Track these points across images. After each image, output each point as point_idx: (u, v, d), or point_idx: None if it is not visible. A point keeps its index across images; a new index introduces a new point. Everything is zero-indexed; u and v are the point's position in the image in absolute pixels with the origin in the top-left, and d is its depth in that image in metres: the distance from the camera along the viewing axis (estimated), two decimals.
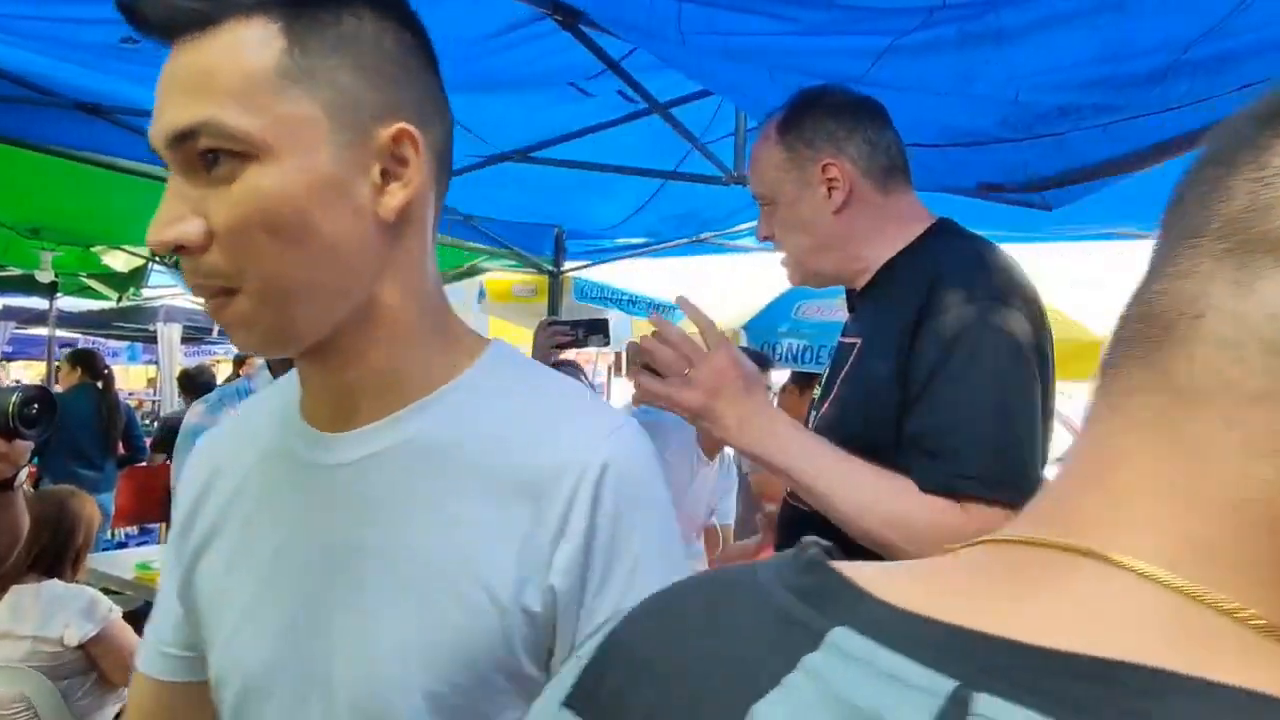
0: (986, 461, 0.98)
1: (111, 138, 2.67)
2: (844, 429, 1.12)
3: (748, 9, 1.31)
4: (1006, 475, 0.98)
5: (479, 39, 1.75)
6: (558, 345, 2.17)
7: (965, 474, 0.98)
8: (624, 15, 1.54)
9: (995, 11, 1.21)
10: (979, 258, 1.10)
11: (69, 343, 10.14)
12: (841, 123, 1.17)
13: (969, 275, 1.06)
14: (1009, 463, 0.99)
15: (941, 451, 0.99)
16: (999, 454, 0.99)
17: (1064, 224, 2.95)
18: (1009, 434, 0.99)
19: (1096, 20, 1.19)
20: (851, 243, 1.19)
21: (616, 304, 5.30)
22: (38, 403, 1.19)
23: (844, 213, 1.17)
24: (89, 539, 2.57)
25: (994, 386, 1.00)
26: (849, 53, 1.39)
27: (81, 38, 1.77)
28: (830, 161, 1.16)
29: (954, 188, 1.97)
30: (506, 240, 4.22)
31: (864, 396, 1.13)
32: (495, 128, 2.53)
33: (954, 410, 1.00)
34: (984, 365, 1.00)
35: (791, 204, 1.20)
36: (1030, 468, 1.00)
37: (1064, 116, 1.52)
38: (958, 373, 1.00)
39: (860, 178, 1.16)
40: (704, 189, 2.98)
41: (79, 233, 4.00)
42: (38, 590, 2.37)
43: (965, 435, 0.99)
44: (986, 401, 0.99)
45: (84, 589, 2.47)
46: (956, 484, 0.98)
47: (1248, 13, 1.13)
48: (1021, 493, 0.97)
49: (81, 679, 2.42)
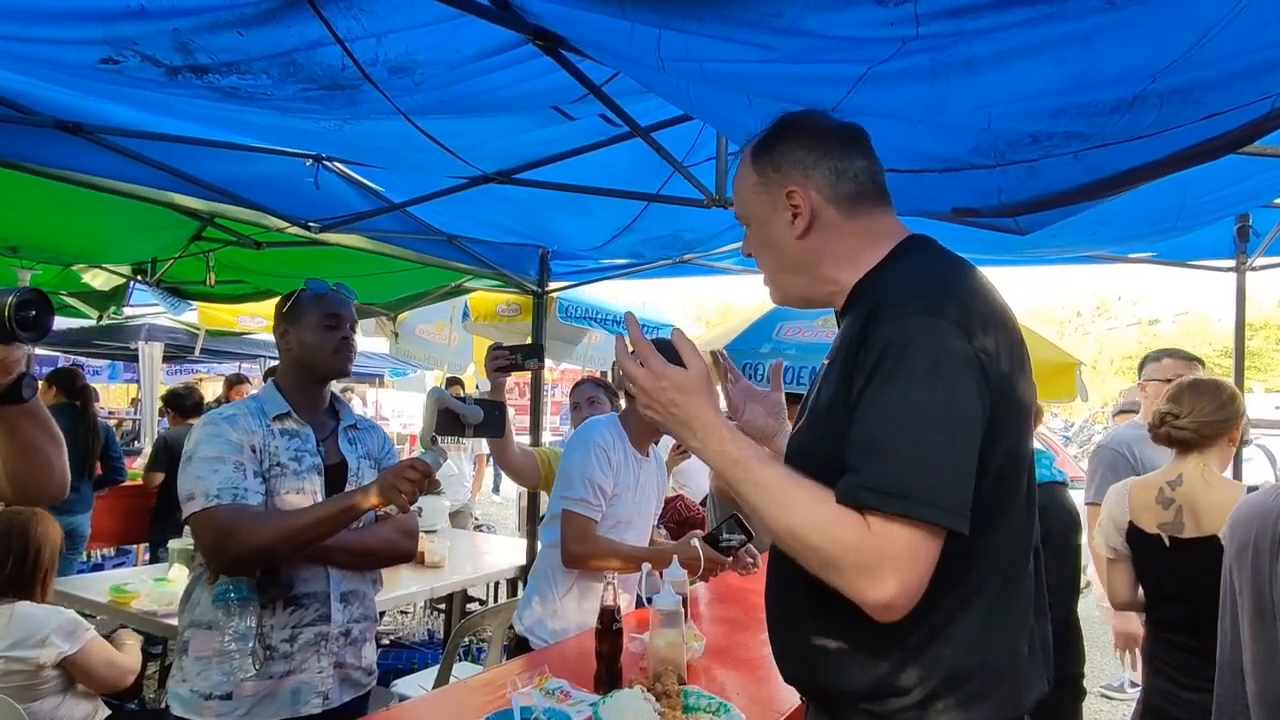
0: (894, 475, 0.97)
1: (91, 157, 2.67)
2: (805, 450, 1.17)
3: (726, 37, 1.33)
4: (917, 489, 0.97)
5: (462, 62, 1.76)
6: (498, 369, 2.35)
7: (867, 485, 0.98)
8: (604, 41, 1.56)
9: (966, 42, 1.23)
10: (915, 274, 1.12)
11: (50, 361, 10.04)
12: (810, 150, 1.20)
13: (901, 293, 1.08)
14: (921, 476, 0.97)
15: (856, 465, 1.01)
16: (909, 468, 0.98)
17: (1037, 247, 3.00)
18: (921, 447, 0.98)
19: (1063, 52, 1.22)
20: (820, 265, 1.22)
21: (600, 323, 5.32)
22: (34, 306, 1.17)
23: (807, 238, 1.20)
24: (54, 559, 2.59)
25: (909, 401, 1.00)
26: (824, 80, 1.41)
27: (62, 57, 1.77)
28: (794, 189, 1.19)
29: (929, 212, 2.00)
30: (491, 260, 4.23)
31: (816, 418, 1.16)
32: (479, 150, 2.55)
33: (871, 425, 1.01)
34: (901, 380, 1.00)
35: (762, 226, 1.25)
36: (950, 481, 0.98)
37: (1035, 144, 1.54)
38: (878, 389, 1.02)
39: (824, 204, 1.19)
40: (687, 211, 3.01)
41: (58, 251, 3.96)
42: (11, 611, 2.38)
43: (876, 449, 1.00)
44: (899, 416, 1.00)
45: (62, 610, 2.49)
46: (860, 495, 0.99)
47: (1209, 46, 1.16)
48: (933, 506, 0.97)
49: (58, 696, 2.44)
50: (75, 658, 2.40)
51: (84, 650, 2.42)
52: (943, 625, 1.06)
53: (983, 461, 1.02)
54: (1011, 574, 1.12)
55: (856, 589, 0.99)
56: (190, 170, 2.89)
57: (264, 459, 1.86)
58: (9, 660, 2.32)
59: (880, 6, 1.16)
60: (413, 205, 3.35)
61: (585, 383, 3.57)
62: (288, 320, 2.01)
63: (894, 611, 0.99)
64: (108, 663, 2.49)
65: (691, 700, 1.76)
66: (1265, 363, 23.68)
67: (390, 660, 4.22)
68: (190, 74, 1.75)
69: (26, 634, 2.35)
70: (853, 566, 0.99)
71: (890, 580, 0.97)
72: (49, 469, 1.32)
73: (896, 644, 1.07)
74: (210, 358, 10.36)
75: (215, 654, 1.81)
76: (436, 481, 1.83)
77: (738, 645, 2.32)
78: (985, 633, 1.08)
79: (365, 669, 2.02)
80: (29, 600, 2.45)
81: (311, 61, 1.71)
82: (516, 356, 2.40)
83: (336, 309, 2.02)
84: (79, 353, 10.41)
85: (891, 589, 0.97)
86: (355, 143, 2.46)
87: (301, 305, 2.01)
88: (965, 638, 1.07)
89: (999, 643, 1.10)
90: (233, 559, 1.77)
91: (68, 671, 2.43)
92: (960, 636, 1.07)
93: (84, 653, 2.42)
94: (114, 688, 2.50)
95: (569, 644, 2.29)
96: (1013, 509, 1.11)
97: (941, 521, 0.97)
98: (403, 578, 3.65)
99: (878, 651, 1.08)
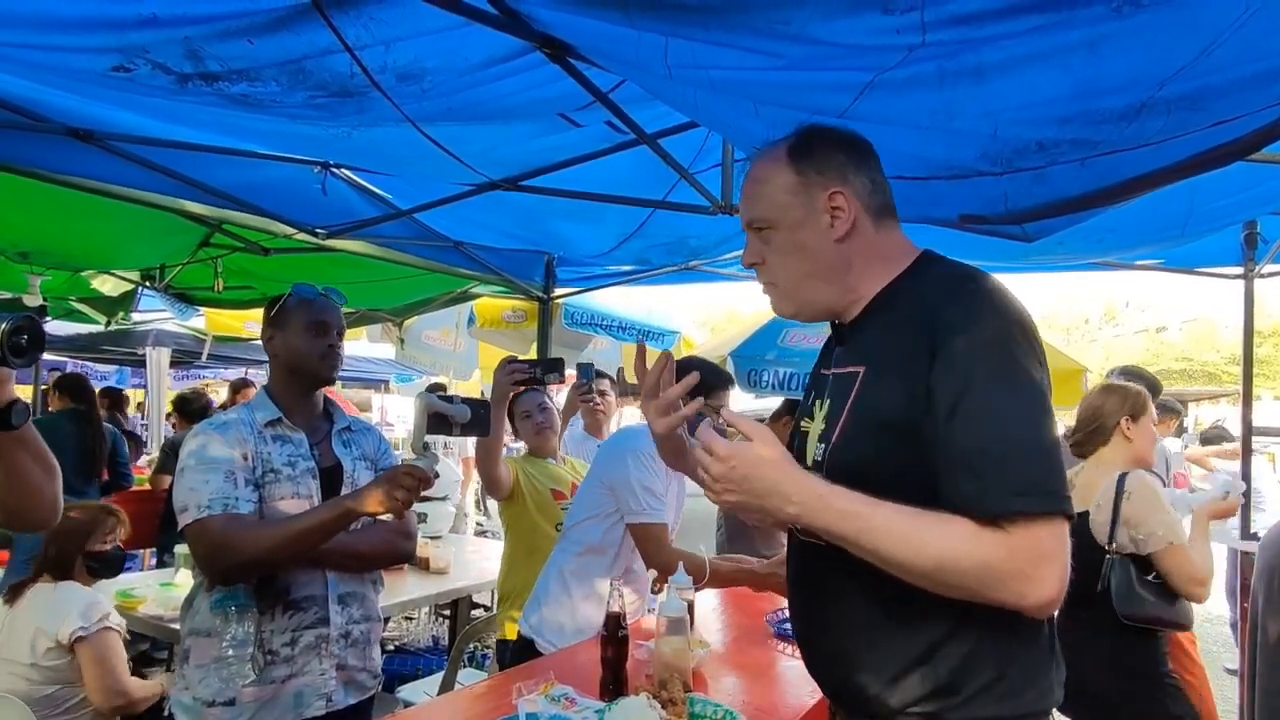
0: (1033, 476, 1.00)
1: (101, 163, 2.69)
2: (862, 466, 1.12)
3: (733, 44, 1.33)
4: (1052, 483, 1.01)
5: (469, 70, 1.77)
6: (517, 382, 2.27)
7: (1015, 490, 1.00)
8: (611, 49, 1.57)
9: (973, 49, 1.24)
10: (976, 283, 1.13)
11: (58, 366, 10.09)
12: (850, 156, 1.21)
13: (972, 301, 1.09)
14: (1053, 469, 1.01)
15: (984, 471, 1.01)
16: (1040, 462, 1.01)
17: (1045, 254, 2.99)
18: (1044, 443, 1.02)
19: (1070, 59, 1.22)
20: (848, 274, 1.22)
21: (606, 330, 5.31)
22: (27, 332, 1.16)
23: (844, 242, 1.20)
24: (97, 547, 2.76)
25: (1022, 401, 1.03)
26: (832, 87, 1.41)
27: (74, 65, 1.79)
28: (839, 190, 1.19)
29: (936, 219, 2.00)
30: (497, 267, 4.24)
31: (877, 424, 1.13)
32: (486, 156, 2.56)
33: (987, 431, 1.02)
34: (1001, 385, 1.03)
35: (794, 228, 1.22)
36: (1061, 472, 1.03)
37: (1042, 151, 1.54)
38: (979, 396, 1.03)
39: (862, 211, 1.20)
40: (693, 218, 3.01)
41: (67, 257, 3.99)
42: (54, 589, 2.58)
43: (1004, 455, 1.01)
44: (1019, 416, 1.02)
45: (94, 593, 2.62)
46: (1010, 502, 1.00)
47: (1216, 53, 1.16)
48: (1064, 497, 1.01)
49: (69, 689, 2.50)
50: (88, 641, 2.46)
51: (98, 635, 2.48)
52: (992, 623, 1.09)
53: None
54: None
55: (1020, 596, 1.00)
56: (199, 177, 2.91)
57: (257, 466, 1.86)
58: (40, 634, 2.45)
59: (887, 14, 1.16)
60: (420, 211, 3.36)
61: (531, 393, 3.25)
62: (274, 325, 2.01)
63: (1051, 606, 1.02)
64: (112, 664, 2.52)
65: (697, 708, 1.75)
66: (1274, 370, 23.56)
67: (395, 666, 4.21)
68: (200, 81, 1.77)
69: (58, 609, 2.49)
70: (1012, 576, 1.00)
71: (1051, 577, 1.00)
72: (39, 495, 1.30)
73: (949, 648, 1.10)
74: (217, 363, 10.41)
75: (215, 661, 1.81)
76: (431, 484, 1.83)
77: (744, 652, 2.31)
78: (1019, 630, 1.11)
79: (370, 671, 2.01)
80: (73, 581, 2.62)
81: (320, 69, 1.72)
82: (536, 370, 2.32)
83: (322, 315, 2.00)
84: (87, 358, 10.46)
85: (1054, 585, 1.00)
86: (363, 149, 2.47)
87: (288, 310, 2.00)
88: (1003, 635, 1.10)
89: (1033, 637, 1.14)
90: (226, 569, 1.78)
91: (77, 662, 2.47)
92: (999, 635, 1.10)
93: (97, 638, 2.48)
94: (107, 699, 2.50)
95: (574, 650, 2.29)
96: None
97: (1069, 510, 1.02)
98: (407, 583, 3.65)
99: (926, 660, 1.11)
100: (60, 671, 2.46)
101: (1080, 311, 32.68)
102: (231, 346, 8.47)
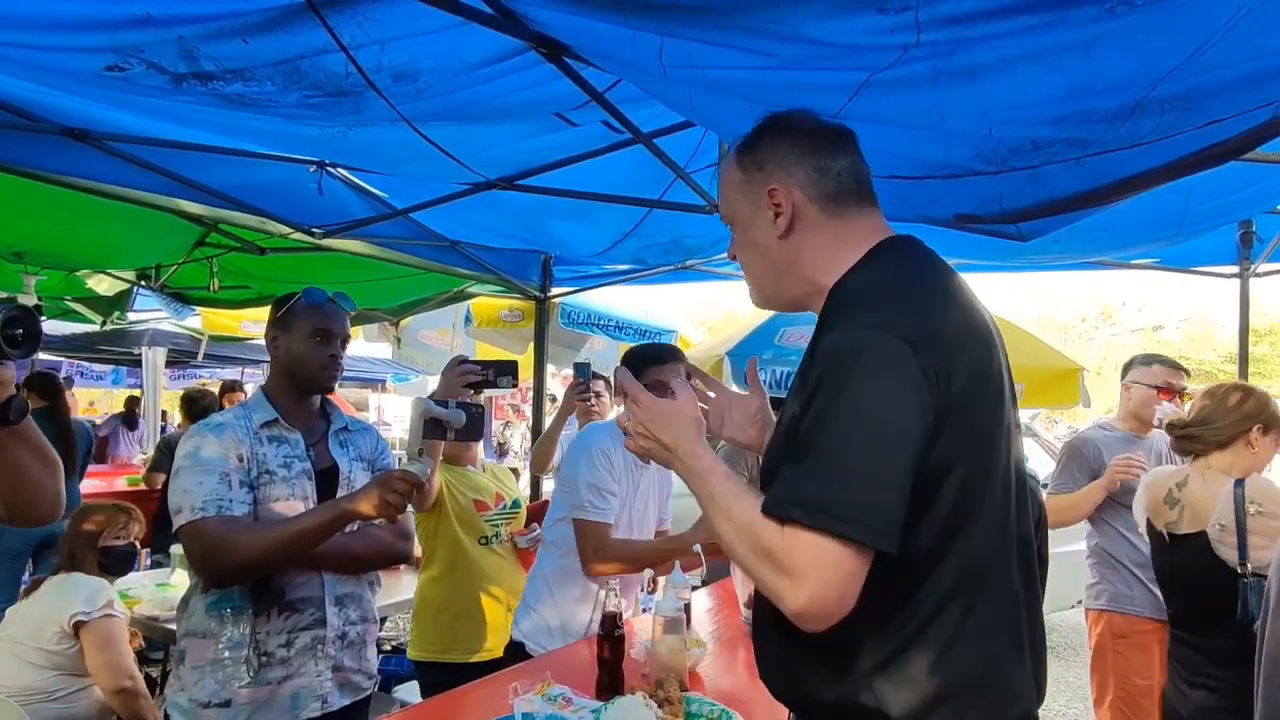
0: (821, 490, 0.96)
1: (97, 163, 2.68)
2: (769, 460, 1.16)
3: (727, 44, 1.34)
4: (838, 506, 0.95)
5: (465, 69, 1.77)
6: (468, 385, 2.25)
7: (794, 499, 0.98)
8: (607, 49, 1.57)
9: (967, 49, 1.24)
10: (873, 282, 1.11)
11: (53, 366, 10.06)
12: (793, 148, 1.18)
13: (853, 302, 1.08)
14: (845, 493, 0.96)
15: (785, 475, 1.01)
16: (835, 484, 0.96)
17: (1040, 253, 3.00)
18: (848, 465, 0.97)
19: (1064, 59, 1.22)
20: (801, 267, 1.19)
21: (603, 329, 5.31)
22: (21, 324, 1.15)
23: (789, 237, 1.18)
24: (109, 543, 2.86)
25: (841, 416, 0.98)
26: (826, 87, 1.41)
27: (69, 65, 1.78)
28: (775, 186, 1.17)
29: (931, 218, 2.00)
30: (493, 266, 4.24)
31: (780, 427, 1.16)
32: (482, 156, 2.56)
33: (804, 437, 1.01)
34: (836, 394, 0.99)
35: (746, 226, 1.22)
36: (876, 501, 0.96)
37: (1036, 150, 1.54)
38: (815, 401, 1.01)
39: (806, 203, 1.17)
40: (689, 217, 3.02)
41: (63, 257, 3.98)
42: (65, 578, 2.66)
43: (805, 462, 0.99)
44: (832, 430, 0.99)
45: (101, 581, 2.68)
46: (786, 509, 0.98)
47: (1210, 54, 1.16)
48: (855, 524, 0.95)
49: (70, 678, 2.53)
50: (90, 625, 2.50)
51: (101, 621, 2.52)
52: (905, 645, 1.04)
53: (932, 481, 1.01)
54: (985, 588, 1.08)
55: (774, 592, 0.99)
56: (195, 177, 2.91)
57: (252, 467, 1.85)
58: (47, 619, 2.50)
59: (881, 14, 1.16)
60: (416, 211, 3.36)
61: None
62: (279, 326, 1.99)
63: (809, 621, 0.98)
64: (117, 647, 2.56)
65: (694, 707, 1.75)
66: (1270, 369, 23.59)
67: (392, 666, 4.21)
68: (195, 81, 1.76)
69: (65, 596, 2.55)
70: (771, 570, 0.99)
71: (803, 589, 0.96)
72: (39, 491, 1.30)
73: (856, 661, 1.06)
74: (213, 363, 10.39)
75: (210, 663, 1.81)
76: (425, 489, 1.83)
77: (740, 651, 2.32)
78: (957, 649, 1.05)
79: (365, 673, 2.01)
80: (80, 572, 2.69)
81: (316, 68, 1.72)
82: (489, 373, 2.29)
83: (328, 323, 1.98)
84: (82, 358, 10.44)
85: (803, 598, 0.96)
86: (359, 149, 2.47)
87: (294, 313, 1.98)
88: (931, 656, 1.04)
89: (974, 658, 1.06)
90: (220, 571, 1.77)
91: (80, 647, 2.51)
92: (926, 655, 1.04)
93: (100, 624, 2.52)
94: (113, 678, 2.53)
95: (571, 650, 2.29)
96: (978, 526, 1.07)
97: (862, 539, 0.95)
98: (404, 584, 3.65)
99: (840, 668, 1.07)
100: (64, 657, 2.49)
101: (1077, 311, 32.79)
102: (227, 346, 8.46)
